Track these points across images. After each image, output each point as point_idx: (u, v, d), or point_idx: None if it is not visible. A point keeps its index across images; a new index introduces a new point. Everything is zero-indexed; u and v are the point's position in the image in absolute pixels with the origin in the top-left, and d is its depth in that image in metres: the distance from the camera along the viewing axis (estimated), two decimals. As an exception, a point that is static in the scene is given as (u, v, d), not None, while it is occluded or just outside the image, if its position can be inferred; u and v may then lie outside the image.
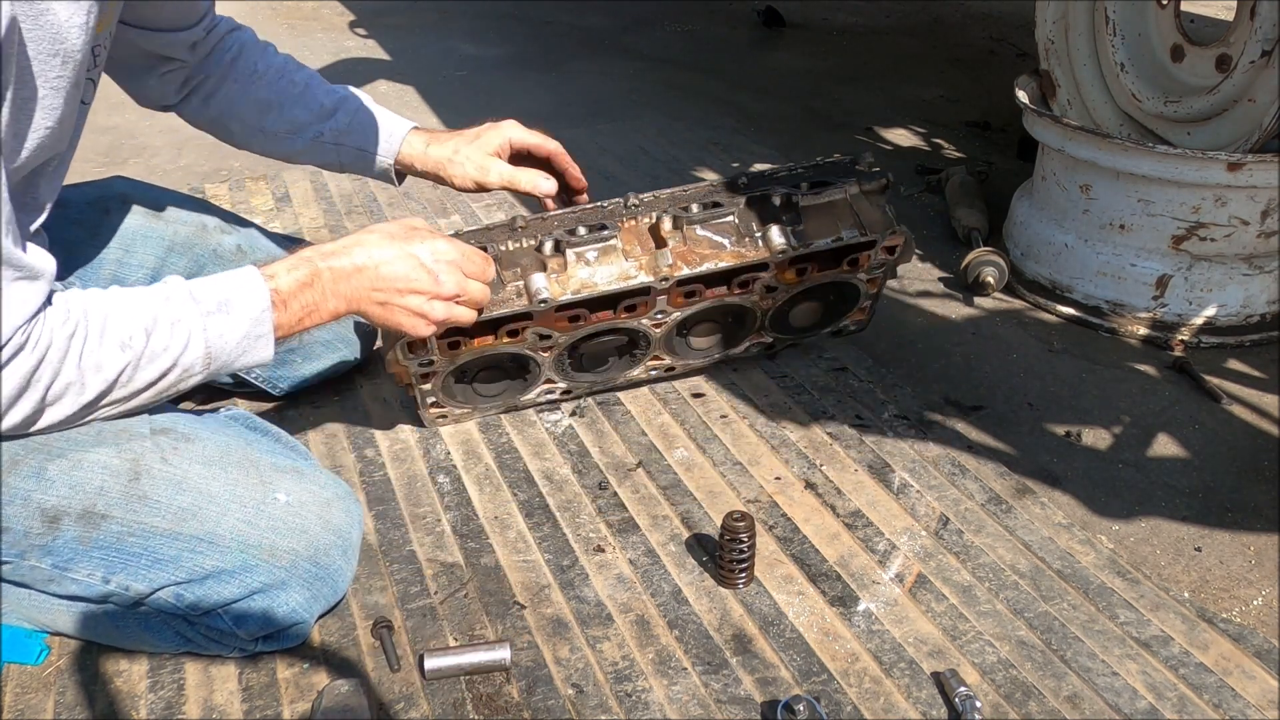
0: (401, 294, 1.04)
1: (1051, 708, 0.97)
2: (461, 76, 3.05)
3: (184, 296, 0.93)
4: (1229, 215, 1.56)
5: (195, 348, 0.92)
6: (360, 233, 1.05)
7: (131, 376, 0.90)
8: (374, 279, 1.02)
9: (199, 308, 0.92)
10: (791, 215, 1.30)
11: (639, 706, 0.97)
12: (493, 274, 1.14)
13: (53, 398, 0.87)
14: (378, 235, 1.04)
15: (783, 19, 3.58)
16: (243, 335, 0.95)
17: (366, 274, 1.02)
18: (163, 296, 0.92)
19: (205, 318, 0.93)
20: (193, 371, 0.94)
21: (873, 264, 1.37)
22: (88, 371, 0.87)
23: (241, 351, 0.95)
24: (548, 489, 1.28)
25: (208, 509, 0.96)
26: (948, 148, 2.48)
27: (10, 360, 0.83)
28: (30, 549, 0.93)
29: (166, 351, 0.91)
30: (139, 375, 0.90)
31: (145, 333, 0.89)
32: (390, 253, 1.02)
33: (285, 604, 0.98)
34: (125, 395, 0.92)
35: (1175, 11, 1.72)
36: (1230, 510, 1.28)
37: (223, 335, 0.93)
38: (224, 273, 0.97)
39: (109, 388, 0.90)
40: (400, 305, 1.04)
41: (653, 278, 1.25)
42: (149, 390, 0.93)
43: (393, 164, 1.33)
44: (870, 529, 1.20)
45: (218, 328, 0.93)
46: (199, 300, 0.93)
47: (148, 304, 0.91)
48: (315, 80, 1.32)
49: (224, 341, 0.94)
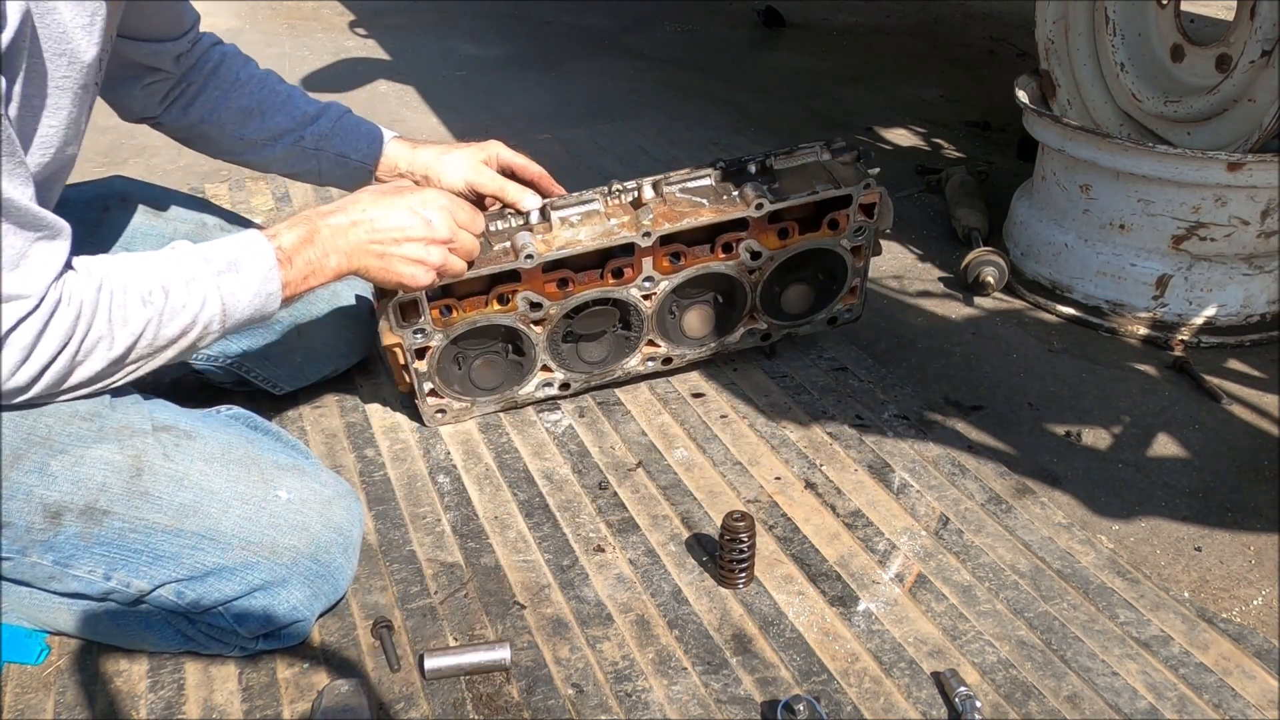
0: (398, 243, 1.08)
1: (1051, 708, 0.97)
2: (461, 76, 3.05)
3: (195, 258, 0.96)
4: (1229, 215, 1.56)
5: (212, 305, 0.95)
6: (354, 194, 1.09)
7: (156, 332, 0.93)
8: (370, 231, 1.06)
9: (210, 267, 0.96)
10: (767, 177, 1.37)
11: (639, 706, 0.97)
12: (482, 224, 1.20)
13: (84, 353, 0.89)
14: (370, 193, 1.08)
15: (783, 19, 3.58)
16: (254, 293, 0.98)
17: (362, 227, 1.06)
18: (174, 259, 0.95)
19: (217, 277, 0.96)
20: (211, 329, 0.97)
21: (853, 226, 1.39)
22: (116, 325, 0.90)
23: (254, 309, 0.99)
24: (548, 489, 1.28)
25: (209, 506, 0.96)
26: (948, 148, 2.49)
27: (51, 317, 0.85)
28: (32, 545, 0.93)
29: (186, 308, 0.94)
30: (162, 331, 0.93)
31: (164, 290, 0.92)
32: (383, 205, 1.07)
33: (286, 602, 0.98)
34: (149, 352, 0.94)
35: (1175, 11, 1.72)
36: (1230, 510, 1.28)
37: (235, 294, 0.97)
38: (228, 235, 1.00)
39: (135, 342, 0.92)
40: (398, 255, 1.08)
41: (635, 233, 1.28)
42: (171, 347, 0.95)
43: (374, 169, 1.32)
44: (870, 529, 1.20)
45: (230, 286, 0.96)
46: (209, 260, 0.96)
47: (162, 264, 0.94)
48: (297, 91, 1.32)
49: (236, 300, 0.97)
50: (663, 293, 1.37)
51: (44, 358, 0.87)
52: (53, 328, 0.86)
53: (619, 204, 1.33)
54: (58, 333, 0.87)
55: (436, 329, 1.27)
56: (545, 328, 1.34)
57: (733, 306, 1.45)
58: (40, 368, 0.87)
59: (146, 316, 0.92)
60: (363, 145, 1.31)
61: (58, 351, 0.87)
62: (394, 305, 1.23)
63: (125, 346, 0.92)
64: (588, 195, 1.32)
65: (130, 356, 0.93)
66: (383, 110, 2.74)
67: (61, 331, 0.87)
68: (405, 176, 1.33)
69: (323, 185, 1.38)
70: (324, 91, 2.85)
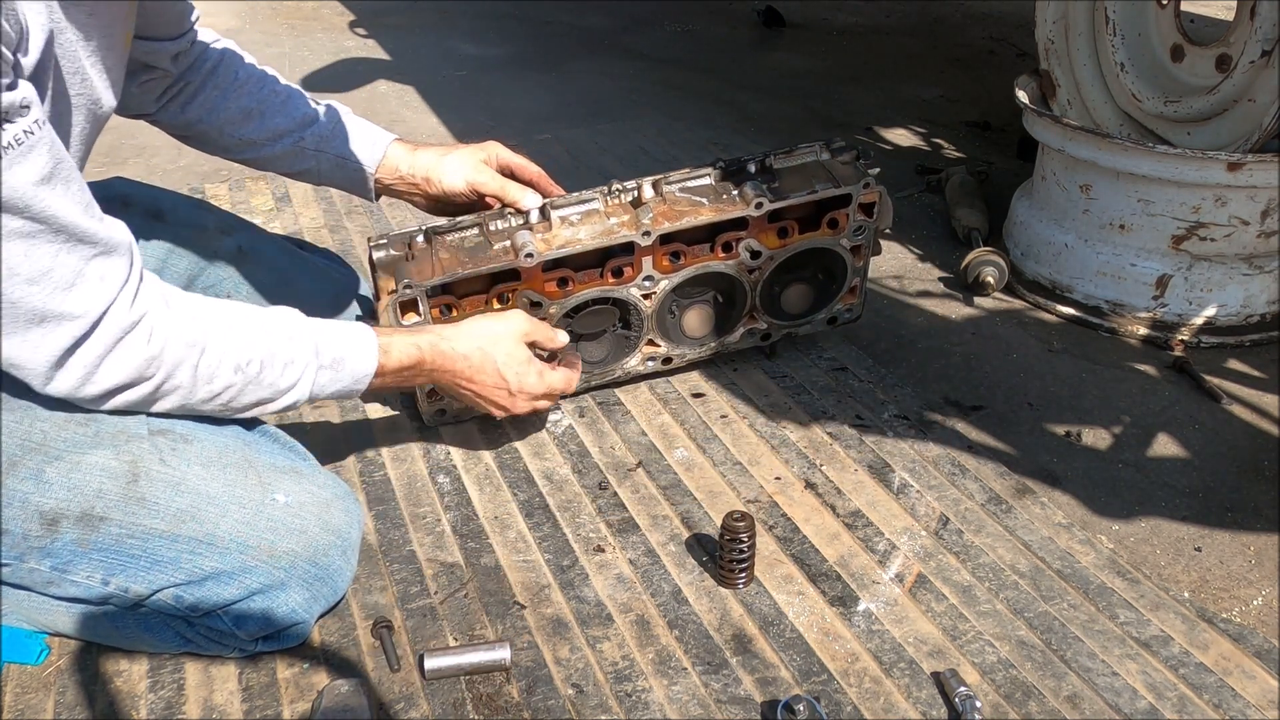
0: (479, 399, 1.21)
1: (1051, 708, 0.97)
2: (461, 76, 3.05)
3: (309, 345, 1.01)
4: (1229, 215, 1.56)
5: (298, 391, 1.02)
6: (473, 339, 1.16)
7: (234, 397, 0.98)
8: (464, 383, 1.18)
9: (316, 359, 1.02)
10: (767, 176, 1.37)
11: (639, 706, 0.97)
12: (574, 384, 1.27)
13: (160, 395, 0.94)
14: (482, 354, 1.16)
15: (783, 19, 3.58)
16: (339, 389, 1.05)
17: (459, 379, 1.17)
18: (286, 335, 1.00)
19: (318, 370, 1.02)
20: (285, 408, 1.02)
21: (852, 225, 1.39)
22: (200, 382, 0.95)
23: (330, 398, 1.07)
24: (548, 489, 1.28)
25: (206, 510, 0.96)
26: (948, 148, 2.48)
27: (119, 343, 0.88)
28: (29, 551, 0.93)
29: (272, 386, 0.99)
30: (241, 397, 0.99)
31: (261, 364, 0.98)
32: (486, 376, 1.17)
33: (285, 604, 0.98)
34: (220, 407, 0.99)
35: (1175, 11, 1.72)
36: (1230, 510, 1.28)
37: (324, 387, 1.04)
38: (346, 328, 1.06)
39: (211, 398, 0.97)
40: (481, 402, 1.21)
41: (635, 232, 1.29)
42: (243, 410, 1.01)
43: (374, 172, 1.31)
44: (870, 529, 1.20)
45: (324, 379, 1.03)
46: (319, 352, 1.02)
47: (271, 337, 0.99)
48: (296, 91, 1.32)
49: (323, 391, 1.04)
50: (662, 292, 1.37)
51: (110, 382, 0.90)
52: (122, 355, 0.90)
53: (619, 203, 1.33)
54: (129, 364, 0.90)
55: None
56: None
57: (732, 306, 1.45)
58: (106, 390, 0.91)
59: (231, 382, 0.97)
60: (363, 148, 1.31)
61: (128, 383, 0.91)
62: (394, 304, 1.23)
63: (200, 398, 0.96)
64: (587, 195, 1.32)
65: (204, 406, 0.98)
66: (383, 110, 2.74)
67: (134, 365, 0.90)
68: (405, 179, 1.32)
69: (320, 185, 1.38)
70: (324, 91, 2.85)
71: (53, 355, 0.86)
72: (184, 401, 0.96)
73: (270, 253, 1.35)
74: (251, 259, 1.32)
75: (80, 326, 0.86)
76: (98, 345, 0.87)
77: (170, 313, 0.92)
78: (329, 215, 2.04)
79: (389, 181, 1.33)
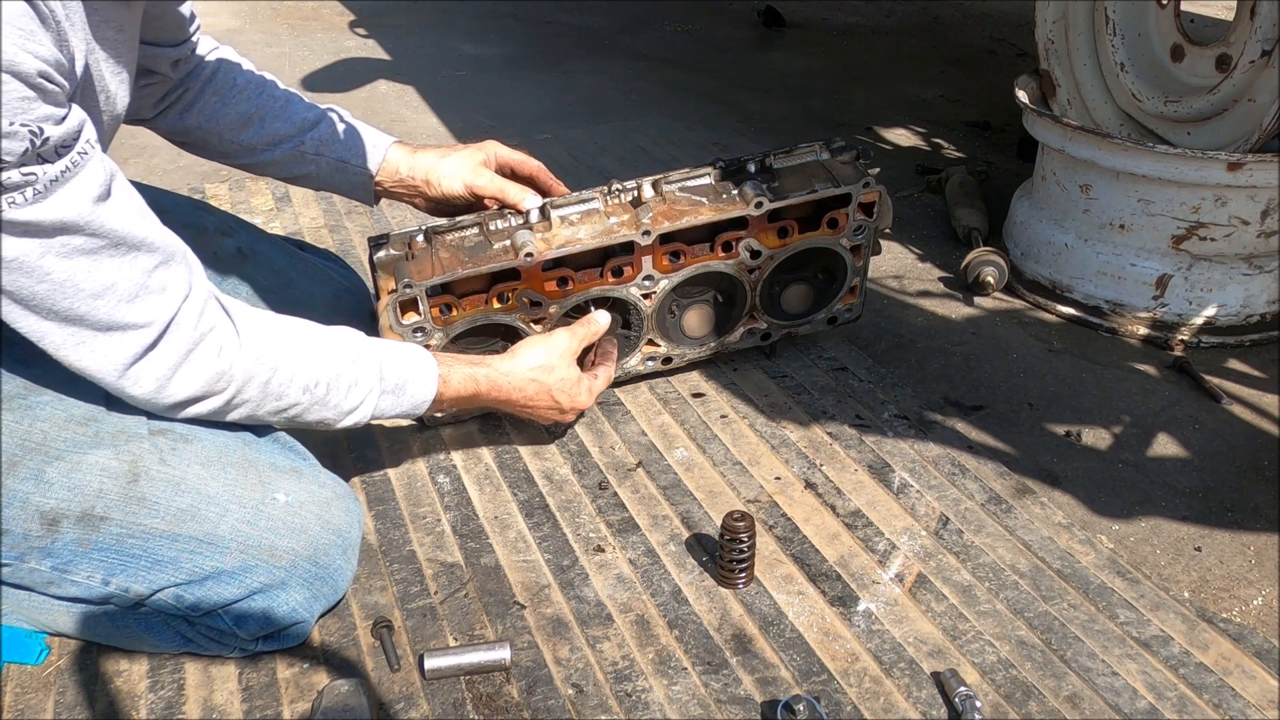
0: (533, 418, 1.29)
1: (1051, 707, 0.97)
2: (461, 76, 3.05)
3: (373, 369, 1.06)
4: (1229, 215, 1.56)
5: (361, 413, 1.06)
6: (528, 370, 1.22)
7: (299, 414, 1.02)
8: (519, 409, 1.25)
9: (380, 385, 1.06)
10: (766, 175, 1.37)
11: (639, 706, 0.97)
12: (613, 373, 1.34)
13: (230, 409, 0.98)
14: (537, 385, 1.23)
15: (783, 19, 3.58)
16: (398, 413, 1.10)
17: (515, 406, 1.24)
18: (352, 357, 1.04)
19: (380, 395, 1.06)
20: (346, 428, 1.06)
21: (852, 225, 1.39)
22: (269, 397, 0.99)
23: (393, 420, 1.13)
24: (548, 489, 1.28)
25: (207, 510, 0.96)
26: (948, 148, 2.48)
27: (192, 353, 0.92)
28: (30, 551, 0.93)
29: (336, 408, 1.04)
30: (306, 415, 1.02)
31: (328, 386, 1.02)
32: (541, 401, 1.24)
33: (285, 604, 0.98)
34: (285, 421, 1.03)
35: (1175, 11, 1.72)
36: (1230, 510, 1.28)
37: (385, 411, 1.08)
38: (409, 353, 1.11)
39: (278, 413, 1.01)
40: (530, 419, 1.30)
41: (635, 232, 1.29)
42: (306, 426, 1.04)
43: (374, 175, 1.31)
44: (870, 529, 1.20)
45: (386, 404, 1.08)
46: (384, 377, 1.07)
47: (337, 359, 1.03)
48: (295, 96, 1.32)
49: (382, 415, 1.08)
50: (662, 292, 1.37)
51: (183, 393, 0.93)
52: (193, 368, 0.93)
53: (619, 203, 1.33)
54: (201, 376, 0.93)
55: (436, 327, 1.27)
56: (545, 326, 1.34)
57: (732, 306, 1.45)
58: (180, 400, 0.94)
59: (298, 401, 1.00)
60: (362, 151, 1.31)
61: (201, 395, 0.95)
62: (394, 304, 1.23)
63: (267, 413, 1.00)
64: (587, 194, 1.32)
65: (270, 418, 1.02)
66: (382, 110, 2.74)
67: (205, 378, 0.94)
68: (405, 181, 1.32)
69: (320, 190, 1.38)
70: (324, 92, 2.86)
71: (121, 363, 0.89)
72: (252, 413, 0.99)
73: (270, 254, 1.35)
74: (251, 260, 1.32)
75: (147, 335, 0.89)
76: (168, 356, 0.91)
77: (239, 328, 0.96)
78: (329, 215, 2.04)
79: (389, 184, 1.33)
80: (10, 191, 0.78)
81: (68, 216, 0.81)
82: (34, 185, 0.79)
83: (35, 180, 0.79)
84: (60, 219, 0.81)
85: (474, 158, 1.33)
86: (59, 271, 0.82)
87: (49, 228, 0.81)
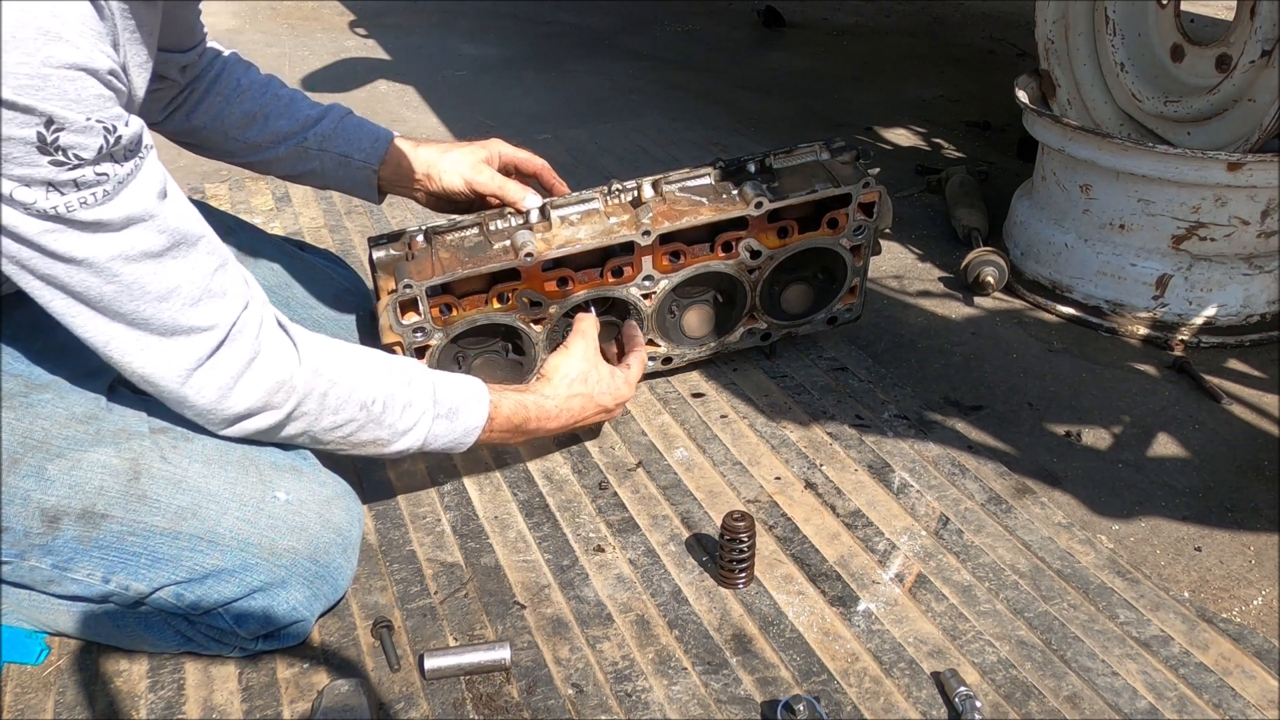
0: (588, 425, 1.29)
1: (1051, 708, 0.97)
2: (462, 76, 3.05)
3: (428, 392, 1.05)
4: (1229, 215, 1.56)
5: (414, 436, 1.05)
6: (568, 387, 1.21)
7: (354, 432, 1.01)
8: (566, 427, 1.23)
9: (434, 408, 1.05)
10: (766, 175, 1.37)
11: (639, 706, 0.97)
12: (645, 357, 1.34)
13: (290, 420, 0.97)
14: (581, 400, 1.22)
15: (783, 19, 3.58)
16: (449, 441, 1.08)
17: (563, 426, 1.22)
18: (406, 379, 1.04)
19: (434, 419, 1.05)
20: (400, 452, 1.05)
21: (852, 225, 1.39)
22: (326, 411, 0.98)
23: (444, 450, 1.09)
24: (547, 489, 1.28)
25: (207, 508, 0.96)
26: (948, 147, 2.48)
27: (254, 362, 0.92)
28: (30, 549, 0.93)
29: (391, 427, 1.03)
30: (361, 434, 1.02)
31: (384, 404, 1.01)
32: (589, 411, 1.23)
33: (285, 602, 0.98)
34: (340, 439, 1.02)
35: (1175, 11, 1.72)
36: (1230, 510, 1.28)
37: (438, 436, 1.07)
38: (461, 380, 1.10)
39: (334, 428, 1.00)
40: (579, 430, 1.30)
41: (635, 232, 1.29)
42: (359, 447, 1.03)
43: (377, 169, 1.32)
44: (870, 529, 1.20)
45: (440, 428, 1.06)
46: (437, 401, 1.06)
47: (392, 379, 1.03)
48: (299, 94, 1.32)
49: (436, 441, 1.07)
50: (662, 292, 1.37)
51: (245, 403, 0.93)
52: (256, 376, 0.93)
53: (619, 203, 1.33)
54: (263, 385, 0.93)
55: (436, 327, 1.27)
56: (545, 327, 1.34)
57: (732, 306, 1.45)
58: (240, 412, 0.94)
59: (354, 417, 1.00)
60: (365, 145, 1.31)
61: (261, 406, 0.94)
62: (394, 304, 1.23)
63: (324, 428, 0.99)
64: (587, 194, 1.32)
65: (324, 438, 1.01)
66: (382, 110, 2.74)
67: (267, 387, 0.94)
68: (407, 175, 1.32)
69: (325, 188, 1.38)
70: (323, 92, 2.86)
71: (186, 368, 0.89)
72: (308, 428, 0.99)
73: (270, 254, 1.35)
74: (250, 261, 1.32)
75: (211, 339, 0.89)
76: (231, 363, 0.91)
77: (297, 342, 0.96)
78: (329, 215, 2.04)
79: (392, 178, 1.33)
80: (84, 190, 0.79)
81: (134, 212, 0.82)
82: (104, 185, 0.80)
83: (107, 180, 0.80)
84: (128, 215, 0.82)
85: (476, 154, 1.33)
86: (127, 273, 0.83)
87: (118, 225, 0.82)
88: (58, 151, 0.76)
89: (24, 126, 0.74)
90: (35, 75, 0.73)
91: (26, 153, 0.75)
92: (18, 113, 0.73)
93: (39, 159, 0.76)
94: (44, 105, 0.74)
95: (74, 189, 0.78)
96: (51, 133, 0.75)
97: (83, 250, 0.81)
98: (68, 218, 0.79)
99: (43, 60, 0.74)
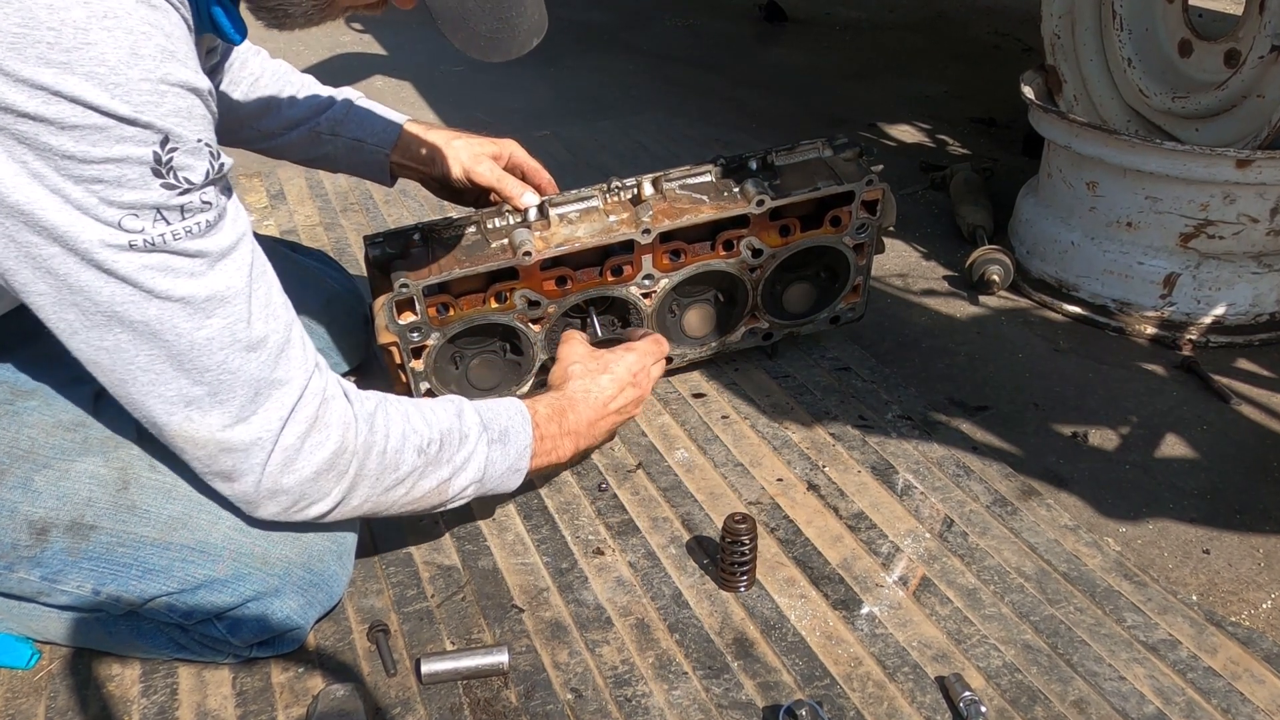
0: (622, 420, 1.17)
1: (1057, 712, 0.96)
2: (459, 72, 3.03)
3: (476, 420, 0.99)
4: (1238, 212, 1.55)
5: (473, 468, 0.98)
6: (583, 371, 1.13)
7: (416, 482, 0.95)
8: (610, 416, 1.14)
9: (486, 434, 0.99)
10: (768, 173, 1.35)
11: (639, 711, 0.96)
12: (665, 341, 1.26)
13: (354, 483, 0.91)
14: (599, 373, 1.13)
15: (785, 14, 3.56)
16: (504, 468, 1.02)
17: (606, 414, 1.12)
18: (454, 412, 0.98)
19: (489, 445, 1.00)
20: (457, 492, 0.99)
21: (855, 223, 1.38)
22: (387, 468, 0.92)
23: (499, 483, 1.03)
24: (546, 490, 1.27)
25: (198, 517, 0.94)
26: (952, 144, 2.47)
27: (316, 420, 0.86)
28: (19, 561, 0.92)
29: (450, 463, 0.97)
30: (422, 481, 0.95)
31: (440, 442, 0.96)
32: (621, 410, 1.15)
33: (280, 610, 0.97)
34: (402, 496, 0.95)
35: (1183, 6, 1.70)
36: (1239, 512, 1.26)
37: (494, 463, 1.00)
38: (500, 402, 1.04)
39: (396, 484, 0.94)
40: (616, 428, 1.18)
41: (634, 230, 1.28)
42: (418, 500, 0.97)
43: (389, 153, 1.31)
44: (874, 531, 1.19)
45: (495, 455, 1.00)
46: (488, 427, 1.00)
47: (441, 416, 0.97)
48: (311, 79, 1.33)
49: (492, 469, 1.00)
50: (663, 291, 1.36)
51: (311, 466, 0.87)
52: (321, 434, 0.86)
53: (618, 201, 1.32)
54: (327, 445, 0.87)
55: (433, 327, 1.26)
56: (544, 326, 1.32)
57: (734, 305, 1.43)
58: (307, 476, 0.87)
59: (415, 465, 0.94)
60: (377, 130, 1.31)
61: (325, 468, 0.88)
62: (391, 304, 1.22)
63: (386, 487, 0.93)
64: (586, 192, 1.30)
65: (385, 499, 0.94)
66: (382, 106, 2.73)
67: (330, 448, 0.87)
68: (416, 158, 1.33)
69: (337, 172, 1.39)
70: (323, 88, 2.84)
71: (273, 429, 0.83)
72: (370, 491, 0.92)
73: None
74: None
75: (293, 393, 0.84)
76: (302, 420, 0.85)
77: (347, 398, 0.91)
78: (324, 213, 2.03)
79: (402, 162, 1.34)
80: (189, 218, 0.75)
81: (228, 246, 0.79)
82: (208, 214, 0.77)
83: (210, 208, 0.77)
84: (223, 249, 0.79)
85: (483, 148, 1.33)
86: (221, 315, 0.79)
87: (215, 257, 0.78)
88: (170, 173, 0.74)
89: (141, 145, 0.72)
90: (154, 91, 0.72)
91: (141, 175, 0.73)
92: (138, 129, 0.72)
93: (152, 181, 0.73)
94: (162, 121, 0.73)
95: (179, 216, 0.75)
96: (166, 151, 0.73)
97: (182, 288, 0.76)
98: (173, 247, 0.75)
99: (160, 77, 0.72)
